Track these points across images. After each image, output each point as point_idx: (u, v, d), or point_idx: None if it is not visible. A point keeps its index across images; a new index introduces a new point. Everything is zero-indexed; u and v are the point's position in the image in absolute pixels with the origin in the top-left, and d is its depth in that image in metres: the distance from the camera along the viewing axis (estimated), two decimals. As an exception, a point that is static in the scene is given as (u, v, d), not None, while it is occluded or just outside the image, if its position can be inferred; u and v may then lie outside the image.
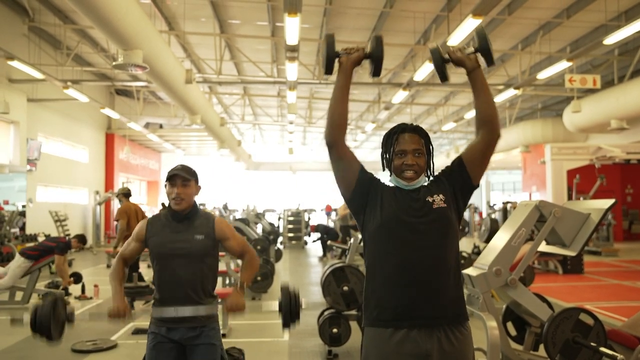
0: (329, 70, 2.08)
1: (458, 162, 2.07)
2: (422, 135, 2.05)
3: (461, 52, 2.04)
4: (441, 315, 1.90)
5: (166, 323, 2.58)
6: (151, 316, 2.65)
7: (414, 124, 2.11)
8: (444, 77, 2.09)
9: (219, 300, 2.77)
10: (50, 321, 2.44)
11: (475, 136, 2.07)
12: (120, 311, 2.52)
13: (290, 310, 2.54)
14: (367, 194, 2.03)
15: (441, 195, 1.99)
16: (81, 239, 7.88)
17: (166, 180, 2.67)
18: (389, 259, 1.93)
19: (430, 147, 2.08)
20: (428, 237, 1.93)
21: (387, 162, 2.08)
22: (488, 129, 2.03)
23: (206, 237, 2.62)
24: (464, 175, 2.04)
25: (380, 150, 2.16)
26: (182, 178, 2.63)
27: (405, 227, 1.93)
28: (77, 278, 8.07)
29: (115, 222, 7.43)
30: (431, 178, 2.12)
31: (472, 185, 2.06)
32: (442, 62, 2.06)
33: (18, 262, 7.33)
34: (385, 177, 2.15)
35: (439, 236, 1.94)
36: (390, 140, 2.07)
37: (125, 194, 7.65)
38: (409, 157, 2.00)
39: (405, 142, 2.02)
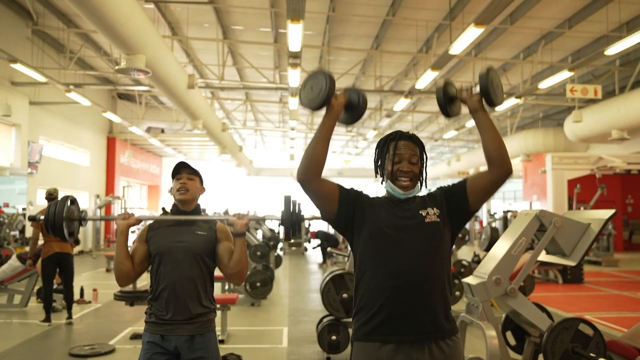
0: (321, 107, 2.03)
1: (461, 186, 2.04)
2: (417, 144, 2.03)
3: (466, 93, 2.01)
4: (431, 331, 1.89)
5: (161, 328, 2.52)
6: (145, 321, 2.60)
7: (413, 132, 2.09)
8: (446, 113, 2.07)
9: (217, 305, 2.74)
10: (62, 219, 2.44)
11: (487, 169, 2.03)
12: (126, 215, 2.54)
13: (291, 220, 2.50)
14: (353, 213, 2.00)
15: (435, 209, 1.98)
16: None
17: (172, 176, 2.67)
18: (377, 273, 1.91)
19: (425, 156, 2.06)
20: (418, 252, 1.91)
21: (381, 168, 2.05)
22: (497, 166, 1.98)
23: (208, 233, 2.61)
24: (463, 200, 2.01)
25: None
26: (188, 171, 2.65)
27: (395, 241, 1.92)
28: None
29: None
30: (428, 190, 2.11)
31: (469, 211, 2.03)
32: (448, 100, 2.04)
33: (13, 265, 7.35)
34: (376, 186, 2.13)
35: (429, 251, 1.92)
36: (386, 147, 2.04)
37: (47, 197, 6.69)
38: (405, 163, 1.98)
39: (401, 149, 1.99)
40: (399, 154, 1.99)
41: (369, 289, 1.93)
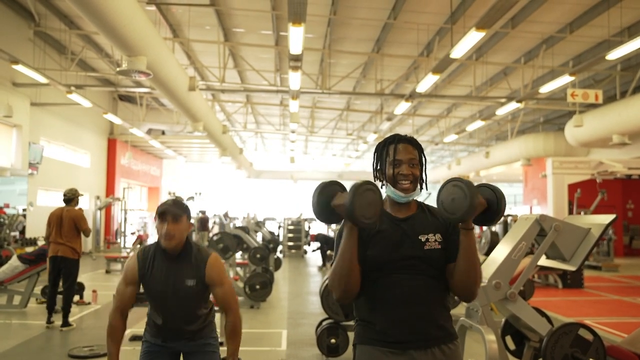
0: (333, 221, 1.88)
1: (450, 255, 1.96)
2: (416, 146, 2.01)
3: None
4: (433, 336, 1.92)
5: (161, 336, 2.59)
6: (146, 324, 2.64)
7: (414, 135, 2.08)
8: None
9: (216, 308, 2.75)
10: None
11: (451, 280, 1.94)
12: None
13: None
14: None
15: (438, 236, 1.96)
16: None
17: (156, 216, 2.49)
18: (379, 285, 1.92)
19: (424, 158, 2.04)
20: (418, 270, 1.92)
21: (380, 173, 2.04)
22: (460, 295, 1.96)
23: (197, 282, 2.50)
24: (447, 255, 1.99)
25: None
26: (173, 214, 2.46)
27: (393, 260, 1.91)
28: (79, 287, 8.05)
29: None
30: (428, 194, 2.10)
31: None
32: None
33: (13, 265, 7.34)
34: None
35: (426, 271, 1.92)
36: (385, 151, 2.02)
37: (64, 199, 6.55)
38: (404, 166, 1.96)
39: (400, 152, 1.97)
40: (398, 158, 1.97)
41: (371, 298, 1.94)
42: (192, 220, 2.62)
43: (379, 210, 1.79)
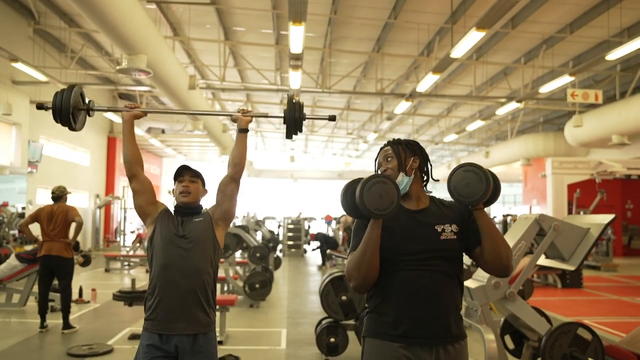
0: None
1: (474, 243, 2.01)
2: (391, 145, 2.12)
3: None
4: (441, 335, 1.94)
5: (160, 326, 2.49)
6: (145, 319, 2.57)
7: (413, 135, 2.15)
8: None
9: (217, 306, 2.73)
10: (70, 106, 2.49)
11: (482, 263, 2.00)
12: (133, 105, 2.60)
13: (294, 117, 2.55)
14: None
15: (454, 226, 1.99)
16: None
17: (174, 178, 2.72)
18: (392, 278, 1.95)
19: (403, 150, 2.08)
20: (431, 265, 1.95)
21: None
22: (495, 273, 2.03)
23: (204, 218, 2.67)
24: (468, 249, 2.04)
25: None
26: (191, 173, 2.71)
27: (409, 252, 1.95)
28: (86, 260, 8.16)
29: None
30: (431, 192, 2.14)
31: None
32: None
33: (12, 264, 7.33)
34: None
35: (441, 264, 1.95)
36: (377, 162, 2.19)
37: (53, 197, 6.33)
38: (383, 165, 2.11)
39: (379, 157, 2.15)
40: (379, 161, 2.13)
41: (384, 290, 1.97)
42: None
43: (396, 198, 1.84)
